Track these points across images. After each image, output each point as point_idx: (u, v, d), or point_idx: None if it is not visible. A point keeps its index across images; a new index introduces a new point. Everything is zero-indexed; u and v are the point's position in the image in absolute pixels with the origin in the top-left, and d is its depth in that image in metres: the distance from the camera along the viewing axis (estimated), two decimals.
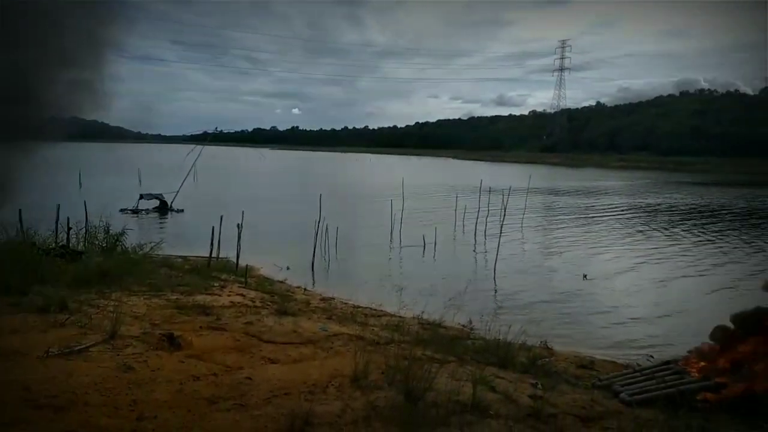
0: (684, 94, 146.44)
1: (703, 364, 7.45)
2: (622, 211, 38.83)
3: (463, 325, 10.86)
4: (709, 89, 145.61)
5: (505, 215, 23.34)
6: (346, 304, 13.17)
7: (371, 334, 8.49)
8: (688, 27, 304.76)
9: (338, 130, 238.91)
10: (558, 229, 29.73)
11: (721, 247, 24.80)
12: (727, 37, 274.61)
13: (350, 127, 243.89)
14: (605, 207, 41.02)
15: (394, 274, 18.57)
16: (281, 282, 15.46)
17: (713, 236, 27.76)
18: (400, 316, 11.20)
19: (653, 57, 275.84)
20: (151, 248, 14.01)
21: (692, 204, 44.69)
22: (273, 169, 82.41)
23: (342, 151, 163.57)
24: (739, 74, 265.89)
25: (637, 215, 36.59)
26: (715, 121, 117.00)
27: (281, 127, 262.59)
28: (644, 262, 21.09)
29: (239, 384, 5.33)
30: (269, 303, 10.51)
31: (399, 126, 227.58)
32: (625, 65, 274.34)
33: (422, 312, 10.70)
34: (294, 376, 5.71)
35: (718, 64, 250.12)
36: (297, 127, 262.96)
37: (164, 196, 32.35)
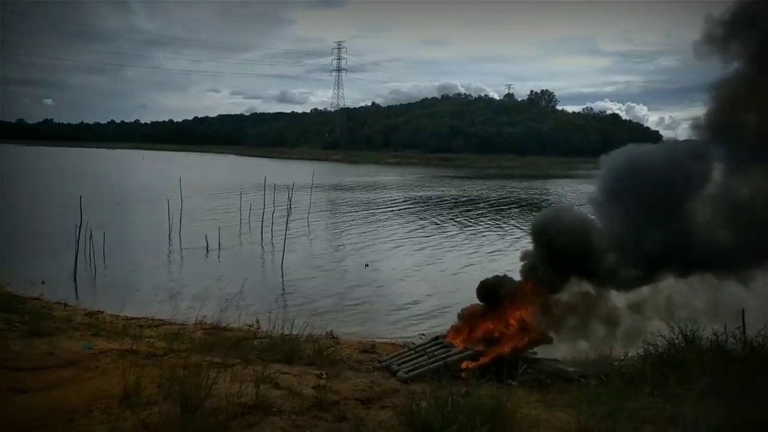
0: (445, 97, 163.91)
1: (463, 336, 8.43)
2: (402, 203, 41.99)
3: (249, 325, 10.66)
4: (465, 93, 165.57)
5: (291, 212, 23.54)
6: (116, 317, 11.97)
7: (146, 347, 7.82)
8: (446, 36, 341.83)
9: (104, 124, 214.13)
10: (344, 223, 30.99)
11: (489, 228, 28.40)
12: (477, 49, 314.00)
13: (118, 120, 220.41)
14: (386, 201, 43.92)
15: (175, 279, 17.45)
16: (35, 299, 13.41)
17: (489, 223, 31.52)
18: (181, 324, 10.55)
19: (419, 62, 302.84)
20: None
21: (459, 195, 50.21)
22: (21, 168, 70.79)
23: (109, 148, 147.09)
24: (487, 81, 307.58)
25: (416, 207, 39.90)
26: (470, 121, 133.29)
27: (31, 120, 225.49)
28: (424, 250, 23.12)
29: None
30: (18, 324, 9.00)
31: (176, 120, 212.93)
32: (395, 69, 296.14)
33: (205, 316, 10.20)
34: (50, 404, 4.98)
35: (471, 72, 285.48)
36: (51, 119, 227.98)
37: None
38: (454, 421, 3.62)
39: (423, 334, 11.39)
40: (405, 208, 38.88)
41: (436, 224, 31.11)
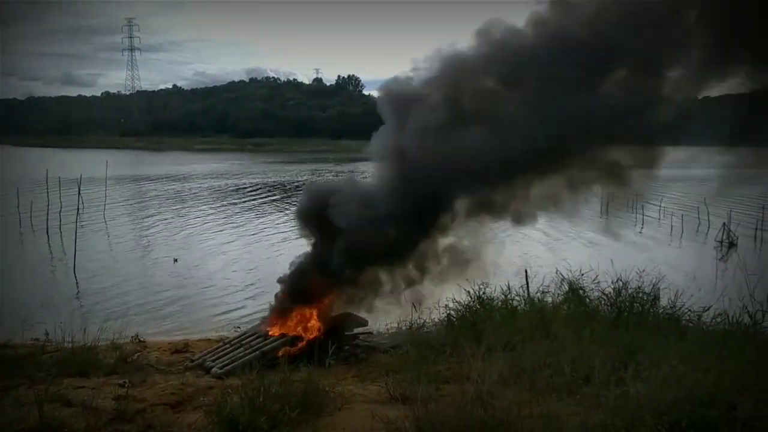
0: (254, 81, 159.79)
1: (279, 324, 8.41)
2: (215, 194, 39.96)
3: (36, 339, 9.36)
4: (274, 77, 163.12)
5: (83, 208, 21.07)
6: None
7: None
8: (252, 18, 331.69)
9: None
10: (148, 218, 28.58)
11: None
12: (285, 32, 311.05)
13: None
14: (197, 191, 41.44)
15: None
16: None
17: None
18: None
19: (224, 44, 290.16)
20: None
21: (280, 182, 48.98)
22: None
23: None
24: (295, 65, 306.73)
25: (227, 196, 38.29)
26: (281, 106, 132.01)
27: None
28: (238, 240, 22.38)
29: None
30: None
31: None
32: (199, 50, 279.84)
33: None
34: None
35: (279, 56, 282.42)
36: None
37: None
38: (265, 411, 3.58)
39: (238, 327, 11.10)
40: (217, 199, 37.22)
41: (253, 213, 30.37)
